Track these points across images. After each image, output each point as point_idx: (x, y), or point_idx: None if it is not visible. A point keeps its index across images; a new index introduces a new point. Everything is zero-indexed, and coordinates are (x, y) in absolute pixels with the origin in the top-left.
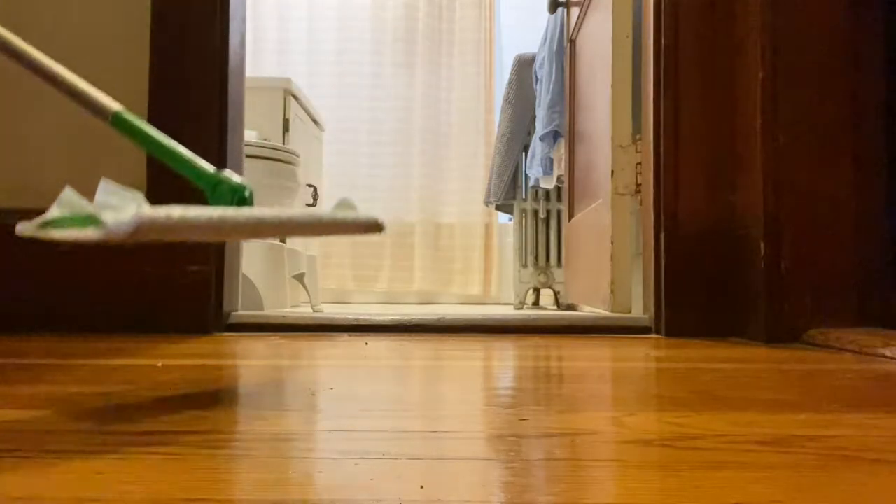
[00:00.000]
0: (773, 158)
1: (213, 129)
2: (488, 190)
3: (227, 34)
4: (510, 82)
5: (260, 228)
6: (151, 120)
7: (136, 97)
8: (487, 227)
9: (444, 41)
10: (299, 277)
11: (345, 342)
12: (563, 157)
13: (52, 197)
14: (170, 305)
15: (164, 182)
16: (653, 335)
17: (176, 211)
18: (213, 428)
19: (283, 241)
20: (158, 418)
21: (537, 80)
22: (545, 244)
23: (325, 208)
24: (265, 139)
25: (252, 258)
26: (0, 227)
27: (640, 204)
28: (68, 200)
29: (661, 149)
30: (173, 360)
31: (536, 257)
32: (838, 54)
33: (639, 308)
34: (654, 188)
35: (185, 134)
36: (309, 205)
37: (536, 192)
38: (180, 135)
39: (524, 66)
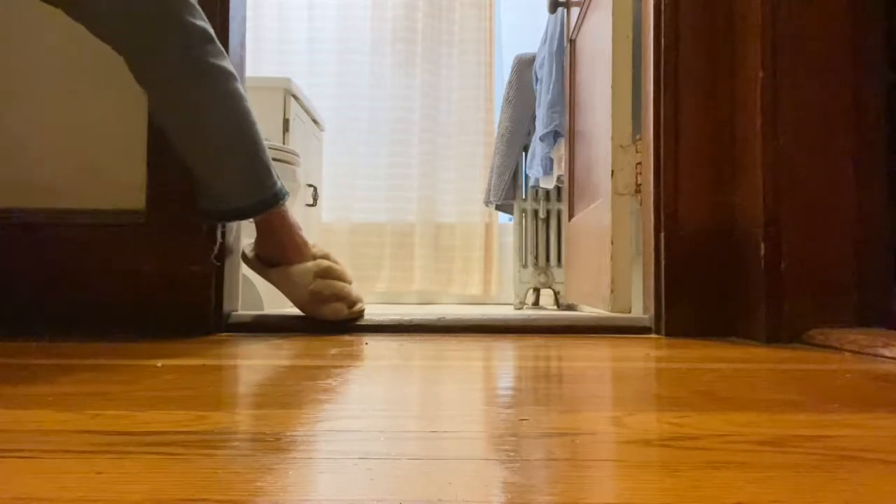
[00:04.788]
0: (773, 158)
1: None
2: (488, 190)
3: (227, 35)
4: (510, 82)
5: None
6: (151, 120)
7: (135, 97)
8: (487, 227)
9: (443, 41)
10: None
11: (345, 342)
12: (563, 157)
13: (51, 196)
14: (170, 305)
15: (165, 183)
16: (653, 335)
17: None
18: (213, 428)
19: None
20: (158, 418)
21: (537, 80)
22: (545, 244)
23: None
24: (265, 139)
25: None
26: (0, 226)
27: (640, 204)
28: None
29: (661, 149)
30: (173, 360)
31: (536, 257)
32: (838, 54)
33: (639, 308)
34: (654, 188)
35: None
36: (309, 205)
37: (536, 192)
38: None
39: (524, 66)
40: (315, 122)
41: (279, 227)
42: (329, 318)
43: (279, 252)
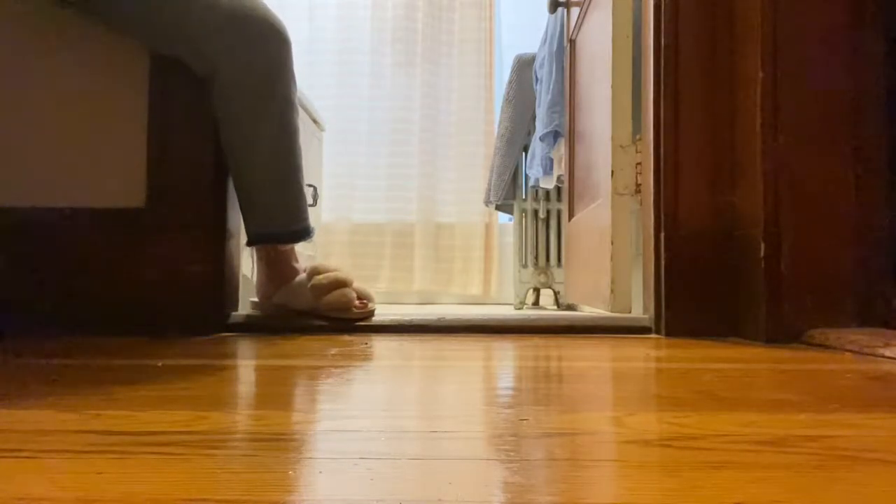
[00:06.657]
0: (773, 158)
1: (212, 129)
2: (488, 190)
3: None
4: (510, 82)
5: None
6: (151, 119)
7: (135, 99)
8: (487, 227)
9: (443, 41)
10: None
11: (345, 342)
12: (563, 157)
13: (52, 196)
14: (170, 305)
15: (165, 183)
16: (653, 335)
17: None
18: (213, 428)
19: None
20: (158, 418)
21: (537, 80)
22: (545, 244)
23: None
24: None
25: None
26: (0, 226)
27: (640, 204)
28: None
29: (661, 149)
30: (173, 360)
31: (536, 257)
32: (838, 54)
33: (639, 308)
34: (654, 188)
35: (184, 136)
36: (309, 205)
37: (536, 192)
38: (178, 137)
39: (524, 66)
40: (315, 122)
41: (288, 257)
42: (340, 306)
43: (278, 279)
